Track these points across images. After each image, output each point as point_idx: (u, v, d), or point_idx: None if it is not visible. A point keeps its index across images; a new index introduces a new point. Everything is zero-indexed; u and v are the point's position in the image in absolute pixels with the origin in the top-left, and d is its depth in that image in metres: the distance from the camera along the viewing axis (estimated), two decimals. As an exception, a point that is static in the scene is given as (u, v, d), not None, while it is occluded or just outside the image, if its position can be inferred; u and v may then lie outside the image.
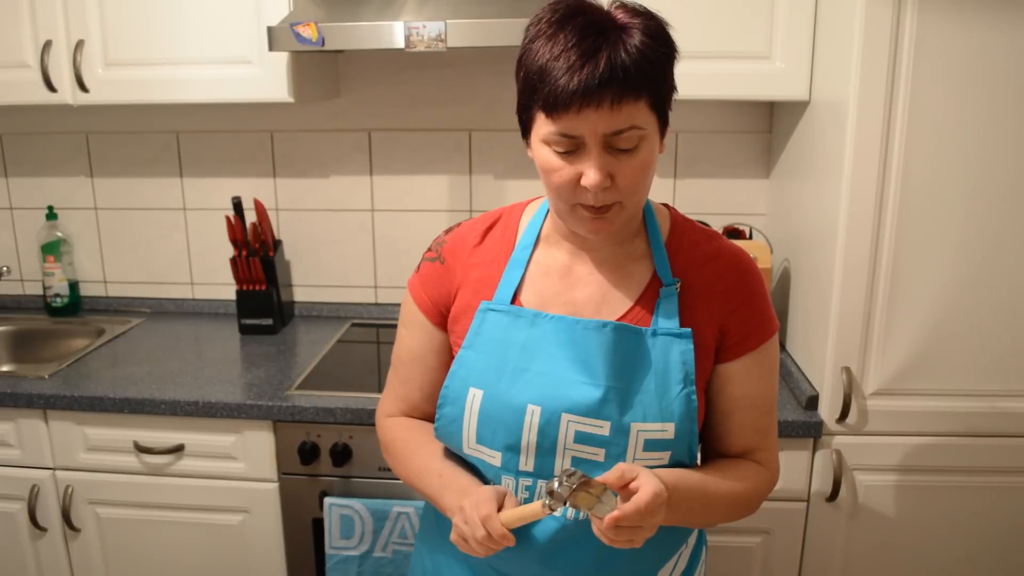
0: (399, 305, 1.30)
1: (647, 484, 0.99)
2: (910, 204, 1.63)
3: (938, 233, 1.65)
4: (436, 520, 1.29)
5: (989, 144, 1.59)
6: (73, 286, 2.52)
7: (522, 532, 1.12)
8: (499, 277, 1.18)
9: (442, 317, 1.22)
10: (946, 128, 1.59)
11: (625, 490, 1.00)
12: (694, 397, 1.12)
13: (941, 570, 1.85)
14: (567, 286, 1.16)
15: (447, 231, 1.26)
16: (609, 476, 1.00)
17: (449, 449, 1.22)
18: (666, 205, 1.22)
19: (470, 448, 1.16)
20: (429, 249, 1.26)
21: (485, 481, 1.18)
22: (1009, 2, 1.53)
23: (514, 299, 1.16)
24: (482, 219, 1.24)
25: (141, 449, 1.93)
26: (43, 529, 2.02)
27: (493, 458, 1.14)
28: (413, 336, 1.25)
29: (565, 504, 1.00)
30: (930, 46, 1.55)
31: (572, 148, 1.02)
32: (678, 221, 1.20)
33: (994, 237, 1.64)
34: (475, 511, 1.05)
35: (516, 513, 1.05)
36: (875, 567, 1.86)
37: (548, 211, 1.19)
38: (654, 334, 1.12)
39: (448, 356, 1.23)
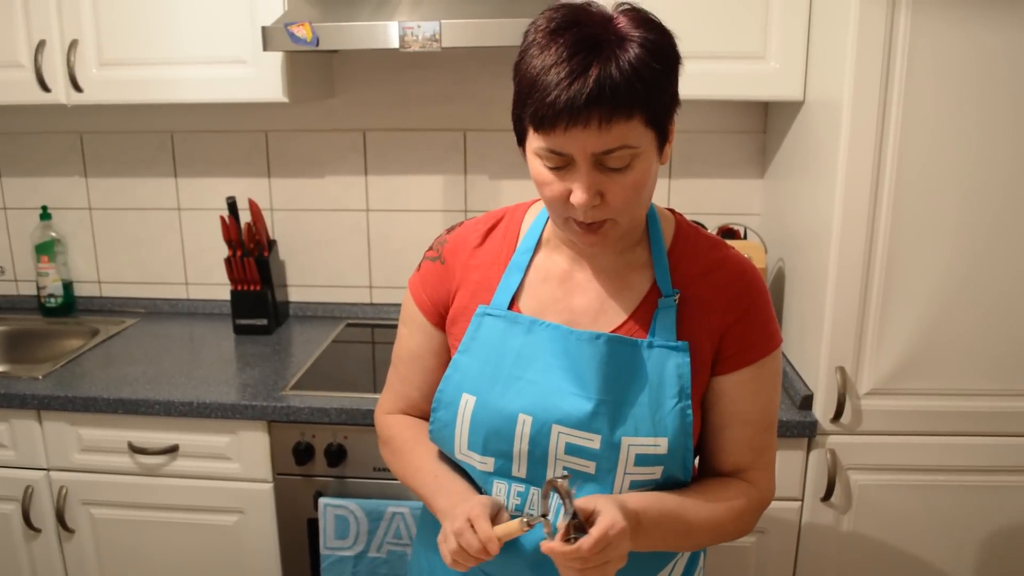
0: (395, 305, 1.30)
1: (597, 525, 0.97)
2: (904, 204, 1.63)
3: (932, 233, 1.65)
4: (433, 521, 1.28)
5: (983, 144, 1.60)
6: (67, 286, 2.51)
7: (513, 539, 1.12)
8: (498, 280, 1.17)
9: (441, 317, 1.22)
10: (940, 128, 1.59)
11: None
12: (689, 412, 1.10)
13: (935, 569, 1.86)
14: (566, 293, 1.15)
15: (449, 230, 1.24)
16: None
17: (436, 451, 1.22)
18: (672, 211, 1.20)
19: (462, 453, 1.15)
20: (431, 248, 1.24)
21: (478, 485, 1.17)
22: (1003, 2, 1.53)
23: (512, 304, 1.15)
24: (484, 219, 1.23)
25: (135, 450, 1.93)
26: (37, 530, 2.02)
27: (485, 464, 1.13)
28: (412, 336, 1.25)
29: (544, 517, 1.00)
30: (924, 46, 1.55)
31: (561, 164, 0.99)
32: (683, 228, 1.17)
33: (988, 237, 1.64)
34: (464, 512, 1.04)
35: (502, 529, 1.03)
36: (869, 566, 1.86)
37: None
38: (650, 346, 1.10)
39: (447, 356, 1.22)
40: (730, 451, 1.16)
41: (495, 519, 1.07)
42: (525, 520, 1.01)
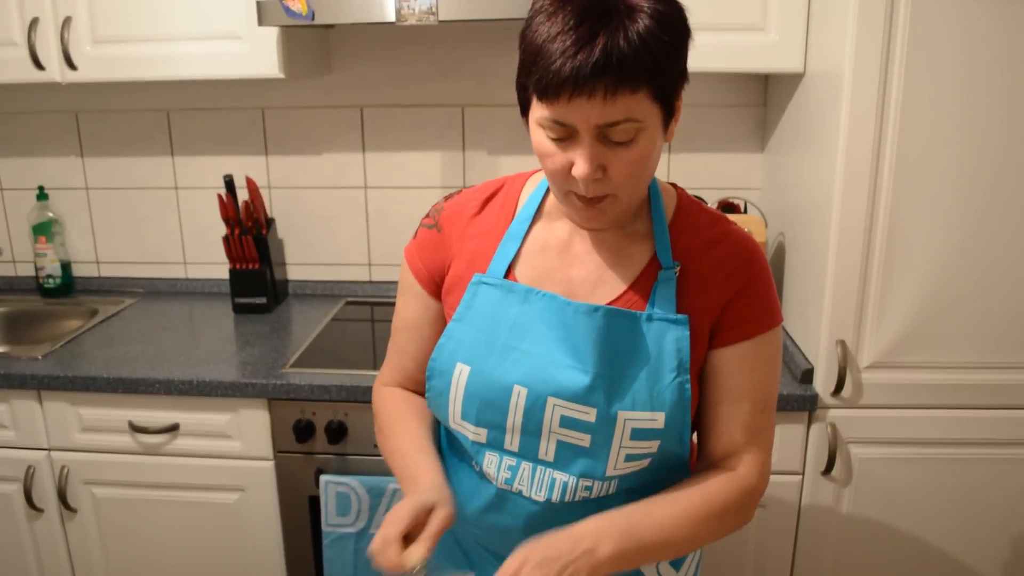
0: (394, 282, 1.29)
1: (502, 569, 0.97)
2: (905, 176, 1.62)
3: (933, 205, 1.64)
4: None
5: (983, 116, 1.58)
6: (65, 267, 2.51)
7: (503, 515, 1.13)
8: (495, 249, 1.15)
9: (437, 286, 1.20)
10: (942, 100, 1.58)
11: None
12: (687, 386, 1.09)
13: (936, 542, 1.86)
14: (564, 263, 1.14)
15: (446, 198, 1.23)
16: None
17: (426, 427, 1.20)
18: (674, 185, 1.18)
19: (455, 423, 1.15)
20: (427, 215, 1.23)
21: (470, 459, 1.16)
22: (1005, -29, 1.51)
23: (508, 273, 1.14)
24: (483, 188, 1.21)
25: (136, 429, 1.93)
26: (39, 510, 2.02)
27: (478, 435, 1.13)
28: (409, 305, 1.24)
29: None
30: (926, 17, 1.54)
31: (564, 135, 0.97)
32: (684, 202, 1.15)
33: (990, 210, 1.63)
34: (381, 533, 1.01)
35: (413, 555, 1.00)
36: (870, 539, 1.87)
37: None
38: (649, 319, 1.08)
39: (444, 326, 1.20)
40: (723, 430, 1.14)
41: (425, 518, 1.02)
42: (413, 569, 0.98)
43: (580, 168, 0.97)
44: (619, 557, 1.02)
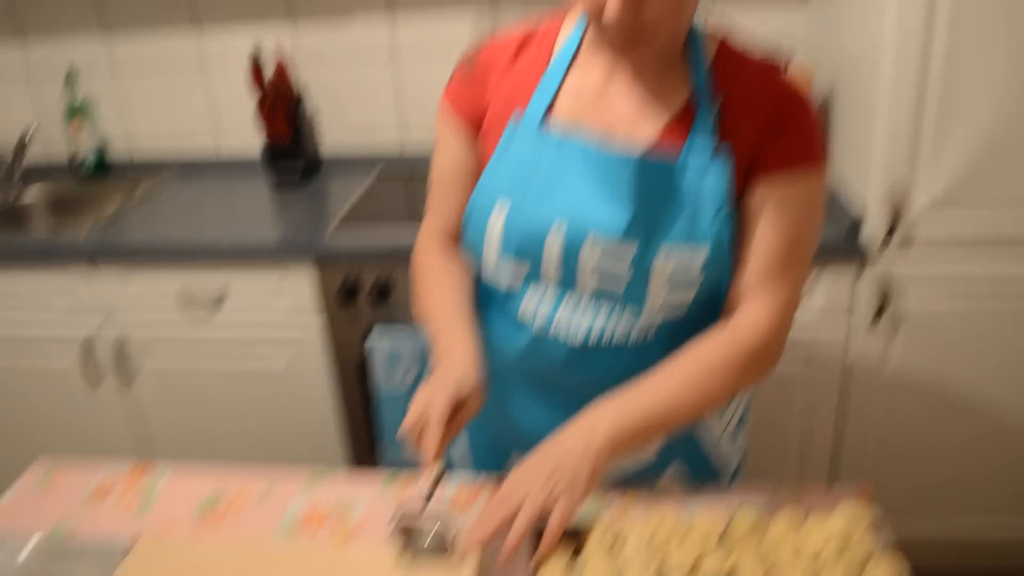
0: (429, 148, 1.25)
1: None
2: (962, 13, 1.54)
3: (991, 44, 1.56)
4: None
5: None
6: (99, 149, 2.49)
7: (540, 360, 1.15)
8: (532, 91, 1.12)
9: (476, 129, 1.17)
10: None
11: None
12: (728, 222, 1.06)
13: (985, 393, 1.86)
14: (602, 101, 1.10)
15: (482, 42, 1.19)
16: None
17: (464, 292, 1.18)
18: (716, 28, 1.13)
19: (494, 261, 1.14)
20: (463, 60, 1.20)
21: (506, 307, 1.16)
22: None
23: (547, 113, 1.11)
24: (520, 30, 1.18)
25: (186, 297, 1.95)
26: (96, 382, 2.07)
27: (517, 271, 1.12)
28: (446, 154, 1.21)
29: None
30: None
31: None
32: (727, 43, 1.10)
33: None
34: (433, 394, 1.03)
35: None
36: (918, 390, 1.87)
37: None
38: (688, 155, 1.05)
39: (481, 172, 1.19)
40: (738, 273, 1.09)
41: (463, 404, 1.04)
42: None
43: (610, 10, 0.93)
44: (620, 433, 1.02)
